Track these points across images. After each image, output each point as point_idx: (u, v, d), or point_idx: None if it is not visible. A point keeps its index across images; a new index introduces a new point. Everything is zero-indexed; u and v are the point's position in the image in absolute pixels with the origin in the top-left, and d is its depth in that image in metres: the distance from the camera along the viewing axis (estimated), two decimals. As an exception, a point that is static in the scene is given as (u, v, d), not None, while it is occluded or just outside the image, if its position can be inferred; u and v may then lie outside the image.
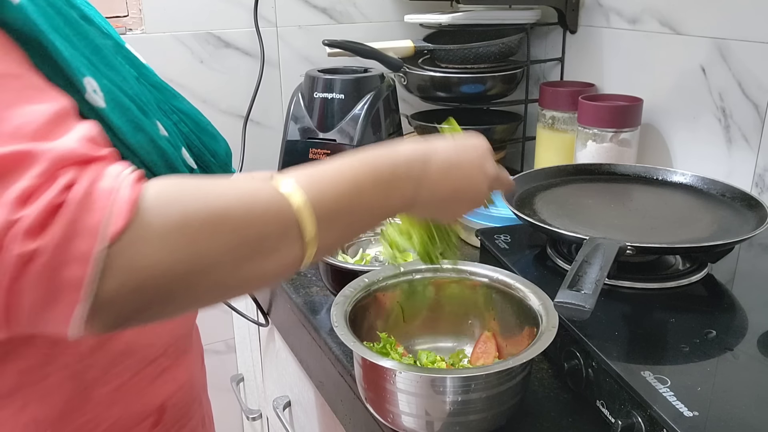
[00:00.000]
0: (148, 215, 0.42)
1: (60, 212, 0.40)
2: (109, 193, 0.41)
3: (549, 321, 0.65)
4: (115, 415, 0.63)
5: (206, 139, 0.70)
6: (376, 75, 1.07)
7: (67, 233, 0.40)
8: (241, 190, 0.48)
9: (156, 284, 0.42)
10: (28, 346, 0.56)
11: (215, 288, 0.46)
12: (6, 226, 0.39)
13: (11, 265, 0.39)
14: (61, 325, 0.41)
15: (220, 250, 0.45)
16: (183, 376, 0.70)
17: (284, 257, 0.48)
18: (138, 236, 0.41)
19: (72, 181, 0.41)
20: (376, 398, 0.64)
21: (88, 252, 0.40)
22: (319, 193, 0.49)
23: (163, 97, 0.67)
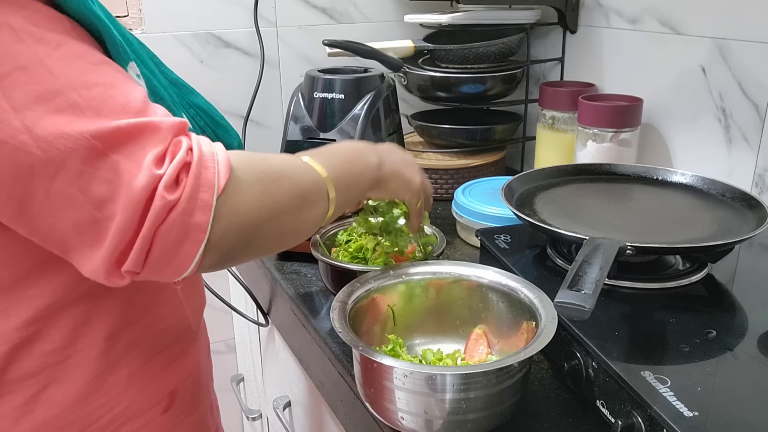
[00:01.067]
0: (238, 174, 0.53)
1: (190, 170, 0.50)
2: (212, 155, 0.52)
3: (548, 320, 0.65)
4: (129, 399, 0.65)
5: (220, 133, 0.75)
6: (376, 75, 1.07)
7: (195, 186, 0.50)
8: (284, 158, 0.63)
9: (248, 226, 0.54)
10: (52, 327, 0.60)
11: (282, 231, 0.59)
12: (155, 179, 0.49)
13: (162, 209, 0.49)
14: (182, 264, 0.51)
15: (284, 199, 0.58)
16: (192, 364, 0.73)
17: (320, 210, 0.63)
18: (235, 188, 0.53)
19: (190, 145, 0.51)
20: (376, 397, 0.64)
21: (208, 201, 0.50)
22: (330, 166, 0.64)
23: (181, 93, 0.71)
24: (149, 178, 0.48)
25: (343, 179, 0.65)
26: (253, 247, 0.56)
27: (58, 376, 0.61)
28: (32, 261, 0.58)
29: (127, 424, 0.66)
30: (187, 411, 0.72)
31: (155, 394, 0.68)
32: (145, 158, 0.49)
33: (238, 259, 0.57)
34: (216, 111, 0.75)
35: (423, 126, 1.35)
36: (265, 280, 1.04)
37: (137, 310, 0.65)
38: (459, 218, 1.08)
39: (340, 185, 0.64)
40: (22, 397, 0.60)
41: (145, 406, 0.67)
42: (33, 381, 0.60)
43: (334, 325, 0.65)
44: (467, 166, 1.29)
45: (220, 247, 0.52)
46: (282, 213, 0.57)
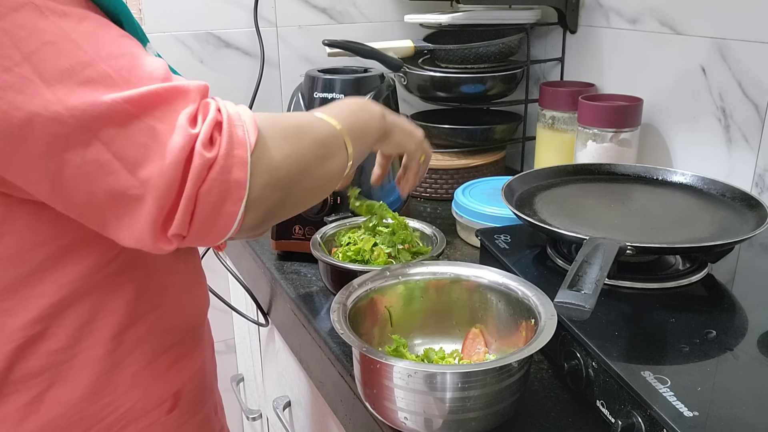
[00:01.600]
0: (264, 131, 0.55)
1: (222, 129, 0.51)
2: (238, 115, 0.54)
3: (547, 319, 0.65)
4: (134, 399, 0.65)
5: None
6: (376, 75, 1.07)
7: (230, 143, 0.51)
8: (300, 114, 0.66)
9: (283, 180, 0.56)
10: (57, 327, 0.60)
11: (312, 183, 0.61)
12: (191, 138, 0.50)
13: (201, 167, 0.50)
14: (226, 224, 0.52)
15: (310, 151, 0.60)
16: (197, 364, 0.73)
17: (341, 160, 0.65)
18: (265, 145, 0.54)
19: (218, 106, 0.53)
20: (376, 396, 0.64)
21: (244, 158, 0.52)
22: (341, 118, 0.66)
23: None
24: (186, 137, 0.49)
25: (354, 130, 0.67)
26: (290, 202, 0.58)
27: (63, 376, 0.61)
28: (38, 260, 0.58)
29: (132, 424, 0.65)
30: (192, 411, 0.72)
31: (160, 394, 0.68)
32: (179, 119, 0.50)
33: (278, 215, 0.58)
34: None
35: (423, 126, 1.34)
36: (265, 280, 1.04)
37: (142, 310, 0.65)
38: (459, 218, 1.08)
39: (353, 135, 0.66)
40: (26, 397, 0.60)
41: (150, 405, 0.67)
42: (38, 380, 0.60)
43: (335, 327, 0.65)
44: (467, 166, 1.29)
45: (259, 204, 0.54)
46: (310, 165, 0.59)
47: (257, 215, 0.54)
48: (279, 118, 0.59)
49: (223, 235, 0.53)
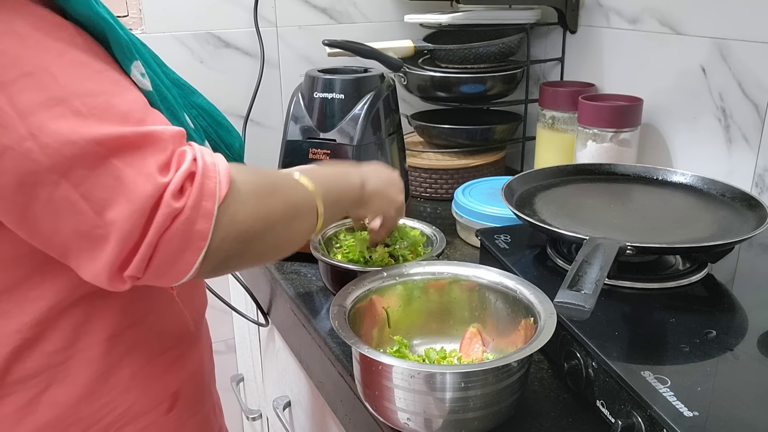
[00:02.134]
0: (237, 185, 0.55)
1: (195, 179, 0.51)
2: (214, 165, 0.54)
3: (547, 319, 0.65)
4: (131, 400, 0.65)
5: (222, 133, 0.76)
6: (376, 75, 1.07)
7: (199, 195, 0.51)
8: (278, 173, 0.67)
9: (245, 234, 0.55)
10: (53, 329, 0.60)
11: (275, 242, 0.61)
12: (160, 187, 0.50)
13: (167, 216, 0.50)
14: (182, 270, 0.52)
15: (278, 210, 0.60)
16: (195, 364, 0.73)
17: (310, 223, 0.65)
18: (234, 199, 0.54)
19: (194, 155, 0.53)
20: (375, 396, 0.64)
21: (211, 210, 0.52)
22: (318, 183, 0.67)
23: (183, 93, 0.71)
24: (155, 186, 0.50)
25: (330, 195, 0.68)
26: (249, 255, 0.58)
27: (60, 377, 0.61)
28: (34, 264, 0.58)
29: (130, 425, 0.65)
30: (191, 411, 0.72)
31: (158, 395, 0.68)
32: (149, 167, 0.50)
33: (234, 266, 0.59)
34: (218, 111, 0.75)
35: (423, 126, 1.35)
36: (265, 280, 1.04)
37: (139, 311, 0.65)
38: (459, 218, 1.08)
39: (327, 201, 0.67)
40: (24, 398, 0.60)
41: (148, 406, 0.67)
42: (35, 382, 0.60)
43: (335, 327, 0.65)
44: (467, 166, 1.29)
45: (218, 254, 0.54)
46: (276, 223, 0.60)
47: (214, 264, 0.54)
48: (255, 173, 0.60)
49: (178, 280, 0.53)
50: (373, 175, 0.78)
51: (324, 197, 0.66)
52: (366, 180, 0.76)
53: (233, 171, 0.55)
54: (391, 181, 0.81)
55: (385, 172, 0.81)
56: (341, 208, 0.73)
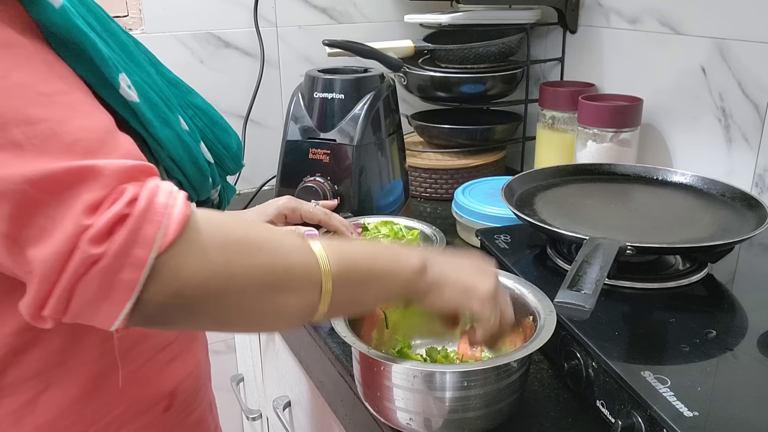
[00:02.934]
0: (194, 234, 0.48)
1: (125, 223, 0.45)
2: (165, 208, 0.47)
3: (546, 319, 0.65)
4: (129, 399, 0.65)
5: (219, 133, 0.74)
6: (376, 75, 1.07)
7: (129, 242, 0.45)
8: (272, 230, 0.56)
9: (191, 294, 0.48)
10: (49, 331, 0.59)
11: (240, 310, 0.51)
12: (80, 230, 0.44)
13: (81, 263, 0.44)
14: (107, 319, 0.47)
15: (250, 274, 0.50)
16: (192, 363, 0.73)
17: (301, 299, 0.53)
18: (183, 250, 0.47)
19: (135, 195, 0.46)
20: (375, 396, 0.64)
21: (143, 259, 0.45)
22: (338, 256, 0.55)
23: (179, 93, 0.70)
24: (74, 228, 0.45)
25: (352, 273, 0.56)
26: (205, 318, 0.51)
27: (57, 378, 0.61)
28: None
29: (128, 425, 0.65)
30: (187, 410, 0.72)
31: (155, 394, 0.68)
32: (77, 206, 0.45)
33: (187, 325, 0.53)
34: (215, 111, 0.75)
35: (423, 126, 1.35)
36: (265, 280, 1.03)
37: None
38: (459, 218, 1.08)
39: (343, 279, 0.55)
40: (21, 400, 0.60)
41: (145, 406, 0.67)
42: (32, 383, 0.60)
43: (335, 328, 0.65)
44: (467, 166, 1.29)
45: (154, 309, 0.47)
46: (243, 288, 0.50)
47: (150, 318, 0.48)
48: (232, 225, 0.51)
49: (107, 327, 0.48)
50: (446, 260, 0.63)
51: (339, 274, 0.54)
52: (431, 265, 0.61)
53: (201, 218, 0.48)
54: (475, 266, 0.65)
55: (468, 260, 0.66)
56: (376, 291, 0.59)
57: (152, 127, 0.60)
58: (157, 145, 0.61)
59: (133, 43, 0.66)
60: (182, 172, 0.65)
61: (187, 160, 0.65)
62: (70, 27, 0.52)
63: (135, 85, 0.59)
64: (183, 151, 0.64)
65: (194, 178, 0.66)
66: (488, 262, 0.67)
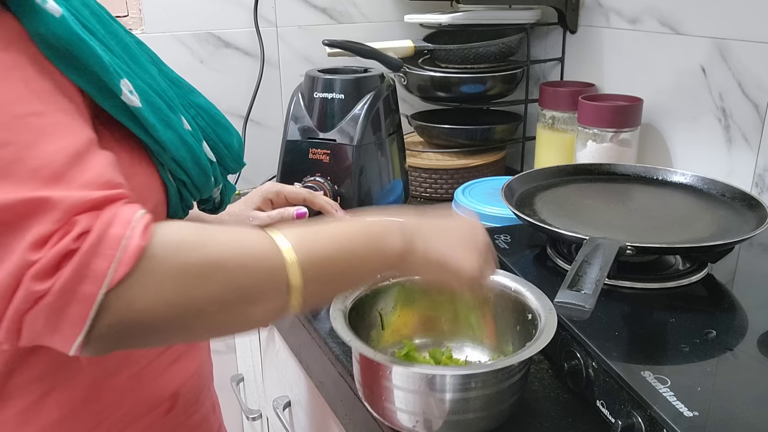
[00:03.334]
0: (150, 264, 0.45)
1: (72, 258, 0.43)
2: (119, 240, 0.45)
3: (547, 321, 0.65)
4: (132, 401, 0.65)
5: (221, 132, 0.73)
6: (376, 75, 1.07)
7: (76, 277, 0.43)
8: (238, 241, 0.52)
9: (149, 324, 0.47)
10: None
11: (205, 328, 0.51)
12: (25, 265, 0.43)
13: (24, 299, 0.43)
14: (63, 348, 0.46)
15: (212, 297, 0.48)
16: (194, 364, 0.73)
17: (270, 305, 0.52)
18: (138, 282, 0.45)
19: (86, 228, 0.44)
20: (375, 397, 0.64)
21: (92, 294, 0.44)
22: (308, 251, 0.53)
23: (181, 93, 0.70)
24: (19, 263, 0.43)
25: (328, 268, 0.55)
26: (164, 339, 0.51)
27: (61, 381, 0.61)
28: None
29: (131, 426, 0.65)
30: (190, 411, 0.72)
31: (159, 395, 0.68)
32: (24, 240, 0.44)
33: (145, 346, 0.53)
34: (217, 110, 0.75)
35: (423, 126, 1.35)
36: (265, 280, 1.03)
37: None
38: (459, 218, 1.08)
39: (320, 275, 0.54)
40: (26, 402, 0.60)
41: (148, 408, 0.67)
42: (37, 385, 0.60)
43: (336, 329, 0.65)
44: (467, 166, 1.29)
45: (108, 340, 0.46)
46: (205, 310, 0.49)
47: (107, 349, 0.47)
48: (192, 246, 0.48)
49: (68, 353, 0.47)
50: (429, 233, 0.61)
51: (311, 272, 0.52)
52: (413, 243, 0.59)
53: (157, 245, 0.46)
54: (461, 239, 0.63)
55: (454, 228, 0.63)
56: (355, 278, 0.59)
57: (155, 130, 0.59)
58: (159, 148, 0.61)
59: (136, 44, 0.65)
60: (185, 172, 0.65)
61: (190, 160, 0.64)
62: (71, 37, 0.51)
63: (137, 89, 0.58)
64: (186, 152, 0.64)
65: (197, 177, 0.66)
66: (477, 227, 0.65)
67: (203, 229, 0.51)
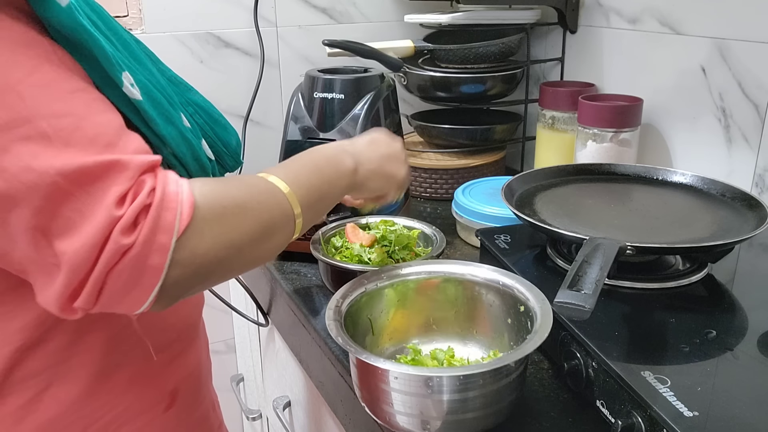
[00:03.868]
0: (201, 212, 0.52)
1: (149, 212, 0.49)
2: (177, 195, 0.51)
3: (543, 319, 0.65)
4: (131, 398, 0.66)
5: (219, 131, 0.74)
6: (376, 75, 1.07)
7: (153, 230, 0.49)
8: (249, 185, 0.60)
9: (207, 267, 0.53)
10: (55, 328, 0.60)
11: (241, 265, 0.58)
12: (112, 221, 0.48)
13: (114, 253, 0.48)
14: (135, 303, 0.50)
15: (246, 233, 0.56)
16: (193, 362, 0.73)
17: (284, 234, 0.61)
18: (197, 229, 0.51)
19: (153, 185, 0.50)
20: (373, 399, 0.64)
21: (166, 244, 0.49)
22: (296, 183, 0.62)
23: (180, 91, 0.70)
24: (107, 219, 0.48)
25: (312, 193, 0.64)
26: (212, 281, 0.56)
27: (61, 376, 0.61)
28: None
29: (129, 423, 0.66)
30: (189, 409, 0.72)
31: (157, 393, 0.68)
32: (107, 199, 0.48)
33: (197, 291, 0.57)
34: (214, 109, 0.75)
35: (423, 126, 1.35)
36: (265, 280, 1.04)
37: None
38: (459, 218, 1.08)
39: (309, 200, 0.63)
40: (25, 397, 0.60)
41: (146, 405, 0.67)
42: (36, 380, 0.60)
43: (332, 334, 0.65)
44: (467, 166, 1.29)
45: (176, 288, 0.51)
46: (243, 247, 0.56)
47: (172, 298, 0.52)
48: (222, 193, 0.55)
49: (133, 311, 0.52)
50: (368, 151, 0.73)
51: (303, 198, 0.62)
52: (360, 161, 0.71)
53: (198, 196, 0.52)
54: (390, 154, 0.76)
55: (383, 145, 0.76)
56: (330, 200, 0.68)
57: (156, 124, 0.60)
58: (160, 142, 0.62)
59: (135, 42, 0.66)
60: (185, 168, 0.65)
61: (190, 156, 0.65)
62: (77, 26, 0.52)
63: (138, 84, 0.59)
64: (186, 148, 0.64)
65: (196, 174, 0.67)
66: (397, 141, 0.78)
67: (220, 180, 0.59)
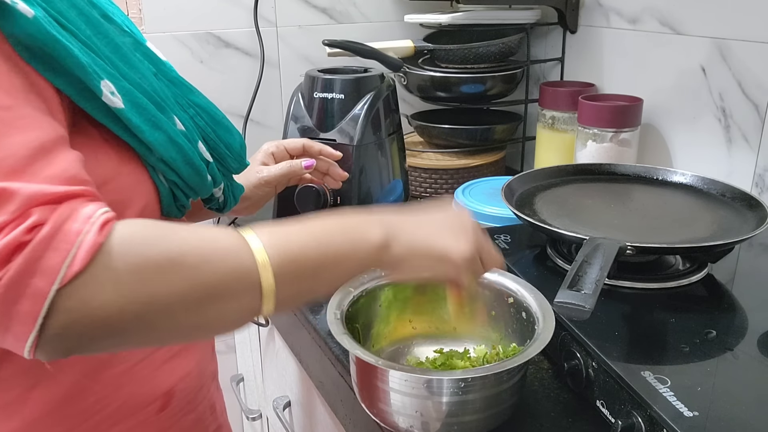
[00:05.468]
0: (107, 259, 0.44)
1: (23, 251, 0.42)
2: (76, 235, 0.44)
3: (546, 322, 0.65)
4: (122, 398, 0.64)
5: (221, 132, 0.73)
6: (376, 75, 1.07)
7: (26, 271, 0.42)
8: (202, 237, 0.50)
9: (106, 324, 0.45)
10: None
11: (170, 328, 0.49)
12: None
13: None
14: (15, 348, 0.44)
15: (173, 293, 0.47)
16: (190, 363, 0.71)
17: (238, 306, 0.50)
18: (94, 278, 0.44)
19: (40, 221, 0.43)
20: (373, 399, 0.64)
21: (43, 290, 0.42)
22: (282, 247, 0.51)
23: (180, 92, 0.69)
24: None
25: (304, 264, 0.53)
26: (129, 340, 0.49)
27: (48, 374, 0.60)
28: None
29: (119, 424, 0.64)
30: (184, 411, 0.71)
31: (150, 393, 0.67)
32: None
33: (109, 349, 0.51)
34: (217, 110, 0.74)
35: (423, 126, 1.35)
36: (265, 280, 1.03)
37: None
38: (459, 218, 1.08)
39: (296, 271, 0.52)
40: (12, 395, 0.59)
41: (138, 405, 0.66)
42: (22, 379, 0.59)
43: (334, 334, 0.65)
44: (467, 166, 1.29)
45: (62, 341, 0.44)
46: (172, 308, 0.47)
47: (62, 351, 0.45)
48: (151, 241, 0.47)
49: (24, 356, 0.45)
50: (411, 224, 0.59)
51: (286, 267, 0.51)
52: (394, 234, 0.57)
53: (114, 240, 0.45)
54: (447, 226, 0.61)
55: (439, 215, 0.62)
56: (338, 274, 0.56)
57: (140, 131, 0.59)
58: (145, 149, 0.60)
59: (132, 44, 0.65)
60: (176, 173, 0.64)
61: (181, 161, 0.63)
62: (45, 38, 0.50)
63: (122, 90, 0.57)
64: (176, 153, 0.63)
65: (190, 178, 0.66)
66: (463, 214, 0.63)
67: (167, 224, 0.50)
